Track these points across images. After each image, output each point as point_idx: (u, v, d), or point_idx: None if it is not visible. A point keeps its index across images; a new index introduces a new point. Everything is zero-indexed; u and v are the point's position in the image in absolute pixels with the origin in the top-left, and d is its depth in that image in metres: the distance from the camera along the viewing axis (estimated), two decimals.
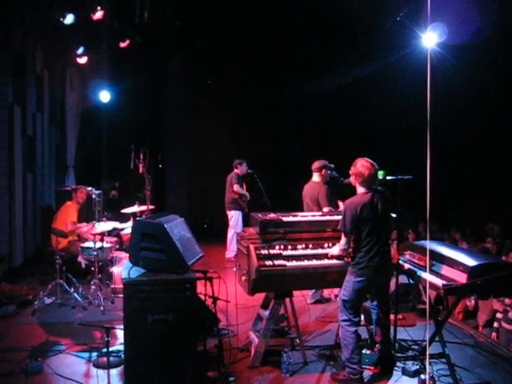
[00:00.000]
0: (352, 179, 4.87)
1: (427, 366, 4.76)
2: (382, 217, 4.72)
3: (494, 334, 6.71)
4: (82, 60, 9.87)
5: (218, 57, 12.58)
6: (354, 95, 12.36)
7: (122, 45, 10.35)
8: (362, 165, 4.76)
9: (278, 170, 12.79)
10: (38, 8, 8.57)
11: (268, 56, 12.52)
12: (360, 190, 4.81)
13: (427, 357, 4.74)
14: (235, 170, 9.98)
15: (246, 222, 6.30)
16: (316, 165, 7.15)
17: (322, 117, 12.68)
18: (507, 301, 6.61)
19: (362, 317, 5.41)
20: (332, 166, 7.16)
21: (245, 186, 10.10)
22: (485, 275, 4.49)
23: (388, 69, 10.91)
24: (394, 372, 5.00)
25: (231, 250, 9.84)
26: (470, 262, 4.62)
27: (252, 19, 11.27)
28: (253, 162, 10.31)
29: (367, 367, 4.98)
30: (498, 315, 6.80)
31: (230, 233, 9.93)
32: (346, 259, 4.92)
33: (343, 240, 4.81)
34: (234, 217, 9.89)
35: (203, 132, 13.20)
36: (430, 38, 7.03)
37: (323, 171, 7.10)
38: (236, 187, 9.81)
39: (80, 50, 9.72)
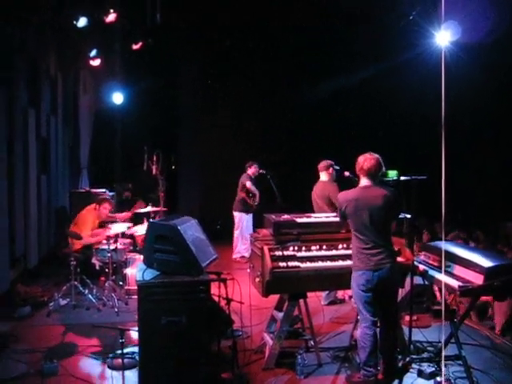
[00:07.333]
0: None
1: (443, 368, 4.71)
2: (378, 216, 4.51)
3: None
4: (95, 62, 9.90)
5: (229, 58, 12.59)
6: (367, 95, 12.28)
7: (135, 47, 10.37)
8: (363, 157, 4.69)
9: (290, 170, 12.75)
10: (52, 11, 8.62)
11: (279, 56, 12.51)
12: (362, 182, 4.71)
13: (443, 358, 4.68)
14: (247, 172, 10.02)
15: (259, 224, 6.26)
16: (323, 164, 7.27)
17: (334, 117, 12.65)
18: None
19: None
20: (337, 167, 7.19)
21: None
22: (501, 276, 4.43)
23: (402, 68, 10.83)
24: (410, 374, 4.94)
25: (237, 251, 9.89)
26: (486, 262, 4.55)
27: (265, 17, 11.24)
28: (266, 163, 10.31)
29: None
30: None
31: (235, 234, 9.99)
32: None
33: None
34: (238, 218, 9.97)
35: (216, 133, 13.20)
36: (443, 37, 6.96)
37: (330, 169, 7.20)
38: (248, 184, 9.84)
39: (93, 53, 9.75)
